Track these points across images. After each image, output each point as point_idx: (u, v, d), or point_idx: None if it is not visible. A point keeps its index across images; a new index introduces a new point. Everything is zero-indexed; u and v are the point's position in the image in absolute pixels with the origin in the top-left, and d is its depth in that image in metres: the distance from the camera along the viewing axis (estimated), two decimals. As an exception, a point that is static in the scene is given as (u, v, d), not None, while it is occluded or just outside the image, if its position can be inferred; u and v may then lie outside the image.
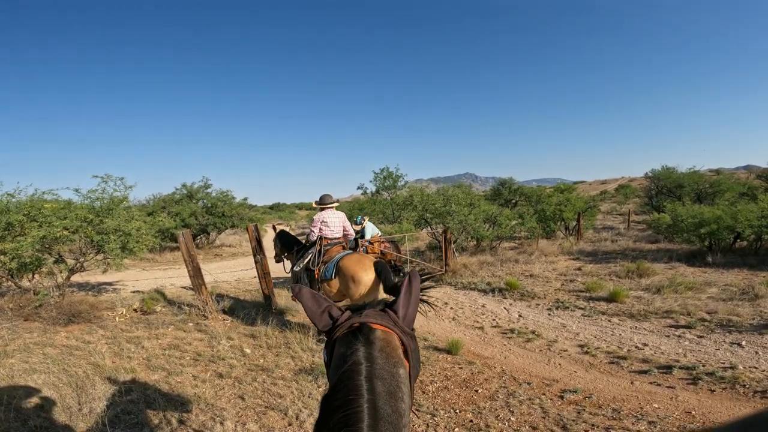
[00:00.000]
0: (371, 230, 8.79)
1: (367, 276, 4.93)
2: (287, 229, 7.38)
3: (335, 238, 5.72)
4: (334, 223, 5.71)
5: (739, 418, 0.44)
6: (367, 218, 8.90)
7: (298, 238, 6.70)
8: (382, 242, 8.54)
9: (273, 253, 6.84)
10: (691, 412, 3.50)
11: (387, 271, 4.98)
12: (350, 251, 5.54)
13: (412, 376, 0.95)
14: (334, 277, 5.20)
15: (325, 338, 1.04)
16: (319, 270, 5.40)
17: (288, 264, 6.50)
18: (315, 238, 5.66)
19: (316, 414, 3.54)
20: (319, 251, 5.55)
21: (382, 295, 5.12)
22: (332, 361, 0.97)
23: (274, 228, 6.97)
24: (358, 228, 8.74)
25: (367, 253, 7.87)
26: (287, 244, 6.44)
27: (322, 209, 5.76)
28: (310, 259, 5.56)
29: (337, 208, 5.98)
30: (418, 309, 1.12)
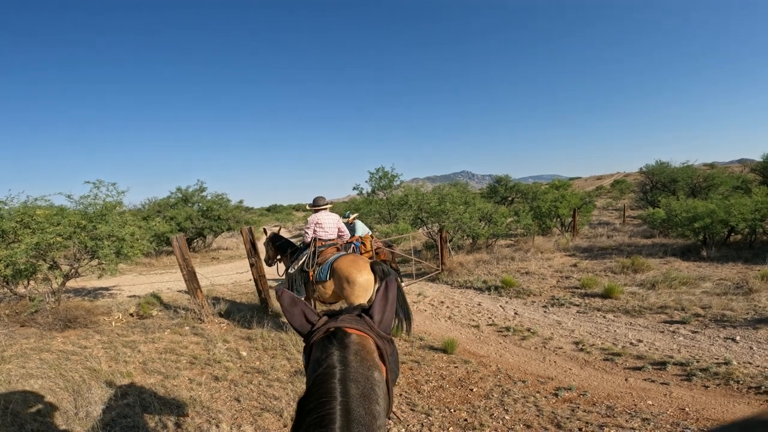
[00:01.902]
0: (362, 229, 8.71)
1: (361, 277, 4.94)
2: (283, 231, 7.36)
3: (329, 240, 5.74)
4: (328, 225, 5.72)
5: (737, 420, 0.45)
6: (355, 214, 8.84)
7: (292, 240, 6.70)
8: (375, 242, 8.50)
9: (266, 256, 6.84)
10: (685, 409, 3.53)
11: (390, 274, 5.01)
12: (344, 252, 5.56)
13: (389, 380, 0.97)
14: (329, 279, 5.21)
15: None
16: (314, 272, 5.41)
17: (282, 267, 6.51)
18: (309, 239, 5.68)
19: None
20: (314, 253, 5.56)
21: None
22: (309, 364, 0.99)
23: (265, 231, 6.97)
24: (346, 221, 8.65)
25: (360, 253, 7.86)
26: (281, 248, 6.44)
27: (316, 211, 5.77)
28: (304, 261, 5.57)
29: (332, 209, 5.99)
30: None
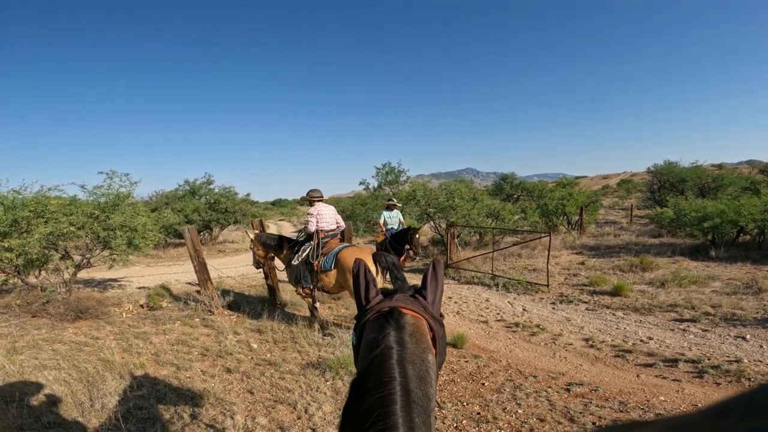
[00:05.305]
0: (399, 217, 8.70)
1: None
2: (287, 224, 7.33)
3: (330, 230, 5.79)
4: (328, 215, 5.80)
5: (718, 401, 0.45)
6: (400, 204, 8.93)
7: (286, 235, 6.61)
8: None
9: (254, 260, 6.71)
10: (697, 405, 3.53)
11: (395, 266, 5.03)
12: (348, 244, 5.62)
13: (438, 363, 0.97)
14: (333, 268, 5.28)
15: (332, 333, 1.06)
16: (318, 262, 5.47)
17: (279, 263, 6.50)
18: (314, 228, 5.70)
19: (324, 407, 3.58)
20: (318, 244, 5.60)
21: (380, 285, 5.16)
22: (361, 345, 0.98)
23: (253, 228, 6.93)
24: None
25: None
26: (278, 246, 6.33)
27: (312, 203, 5.83)
28: (309, 252, 5.61)
29: (337, 204, 6.01)
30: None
